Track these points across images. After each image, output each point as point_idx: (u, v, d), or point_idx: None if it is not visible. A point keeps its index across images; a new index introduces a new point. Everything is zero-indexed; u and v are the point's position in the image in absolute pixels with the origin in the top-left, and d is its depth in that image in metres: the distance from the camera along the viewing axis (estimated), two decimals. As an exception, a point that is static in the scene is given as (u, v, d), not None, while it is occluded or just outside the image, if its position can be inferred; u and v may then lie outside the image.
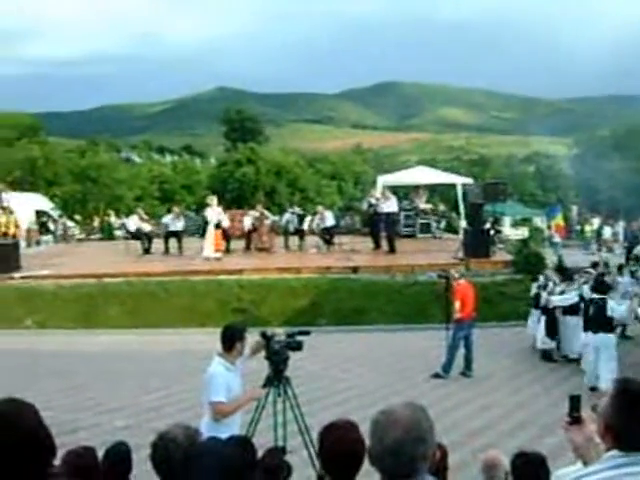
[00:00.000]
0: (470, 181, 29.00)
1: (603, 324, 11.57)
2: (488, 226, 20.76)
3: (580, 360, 12.44)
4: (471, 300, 12.65)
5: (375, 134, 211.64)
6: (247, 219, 23.83)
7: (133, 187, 52.85)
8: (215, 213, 21.58)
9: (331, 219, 23.81)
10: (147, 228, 23.86)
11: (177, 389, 11.47)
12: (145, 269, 19.67)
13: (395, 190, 25.51)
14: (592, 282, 12.71)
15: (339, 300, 17.55)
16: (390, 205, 21.42)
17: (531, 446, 5.81)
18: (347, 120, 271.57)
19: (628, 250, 25.49)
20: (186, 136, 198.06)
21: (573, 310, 13.16)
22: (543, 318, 13.88)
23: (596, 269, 16.10)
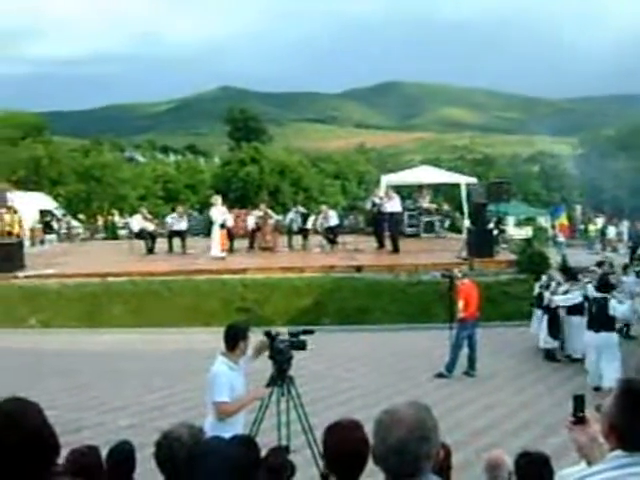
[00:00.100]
0: (474, 181, 28.96)
1: (605, 323, 11.56)
2: (492, 226, 20.74)
3: (584, 360, 12.41)
4: (475, 300, 12.64)
5: (378, 133, 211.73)
6: (251, 218, 23.84)
7: (137, 186, 52.97)
8: (220, 213, 21.58)
9: (335, 218, 23.81)
10: (151, 227, 23.87)
11: (181, 388, 11.48)
12: (149, 268, 19.68)
13: (399, 190, 25.49)
14: (596, 281, 12.69)
15: (343, 299, 17.55)
16: (394, 205, 21.39)
17: (535, 446, 5.81)
18: (350, 120, 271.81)
19: (632, 250, 25.46)
20: (190, 135, 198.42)
21: (577, 310, 13.13)
22: (546, 317, 13.87)
23: (601, 268, 16.07)
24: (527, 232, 35.46)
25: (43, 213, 34.10)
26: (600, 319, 11.59)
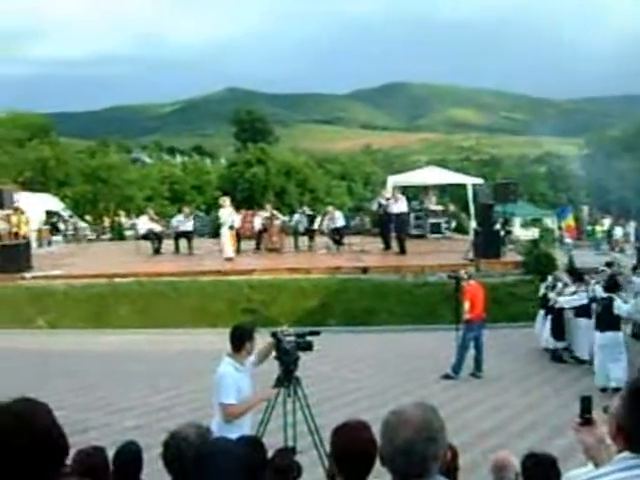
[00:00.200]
0: (480, 181, 28.95)
1: (610, 322, 11.55)
2: (498, 227, 20.69)
3: (591, 362, 12.38)
4: (481, 301, 12.62)
5: (385, 134, 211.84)
6: (258, 220, 23.86)
7: (143, 187, 53.09)
8: (228, 214, 21.55)
9: (341, 219, 23.80)
10: (157, 228, 23.91)
11: (187, 389, 11.48)
12: (155, 269, 19.72)
13: (405, 190, 25.49)
14: (604, 282, 12.67)
15: (349, 301, 17.55)
16: (400, 206, 21.38)
17: (541, 447, 5.81)
18: (357, 120, 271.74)
19: (639, 250, 25.35)
20: (196, 136, 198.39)
21: (584, 311, 13.10)
22: (549, 318, 13.85)
23: (611, 268, 16.05)
24: (534, 233, 35.43)
25: (50, 214, 34.21)
26: (605, 319, 11.58)
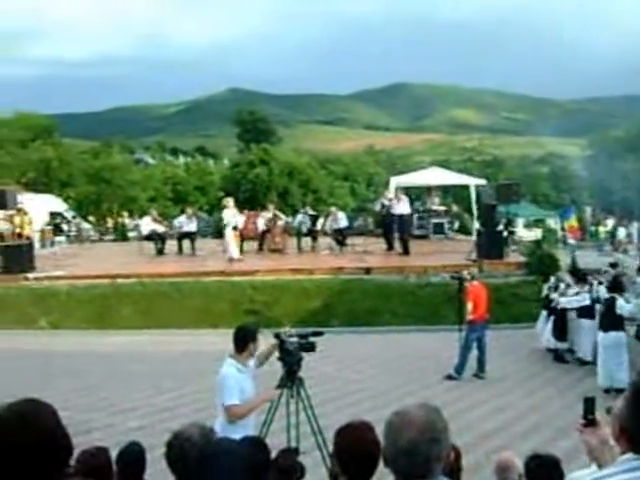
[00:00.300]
0: (483, 182, 28.90)
1: (613, 322, 11.53)
2: (501, 227, 20.67)
3: (594, 362, 12.36)
4: (484, 302, 12.60)
5: (388, 135, 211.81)
6: (261, 220, 23.87)
7: (146, 188, 53.17)
8: (232, 215, 21.55)
9: (344, 220, 23.80)
10: (160, 229, 23.93)
11: (190, 390, 11.50)
12: (158, 270, 19.72)
13: (408, 191, 25.45)
14: (608, 282, 12.66)
15: (352, 301, 17.54)
16: (403, 206, 21.35)
17: (545, 448, 5.80)
18: (359, 121, 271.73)
19: (643, 251, 25.35)
20: (199, 137, 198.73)
21: (587, 312, 13.09)
22: (551, 318, 13.84)
23: (615, 269, 16.03)
24: (537, 234, 35.40)
25: (53, 215, 34.24)
26: (609, 319, 11.57)
